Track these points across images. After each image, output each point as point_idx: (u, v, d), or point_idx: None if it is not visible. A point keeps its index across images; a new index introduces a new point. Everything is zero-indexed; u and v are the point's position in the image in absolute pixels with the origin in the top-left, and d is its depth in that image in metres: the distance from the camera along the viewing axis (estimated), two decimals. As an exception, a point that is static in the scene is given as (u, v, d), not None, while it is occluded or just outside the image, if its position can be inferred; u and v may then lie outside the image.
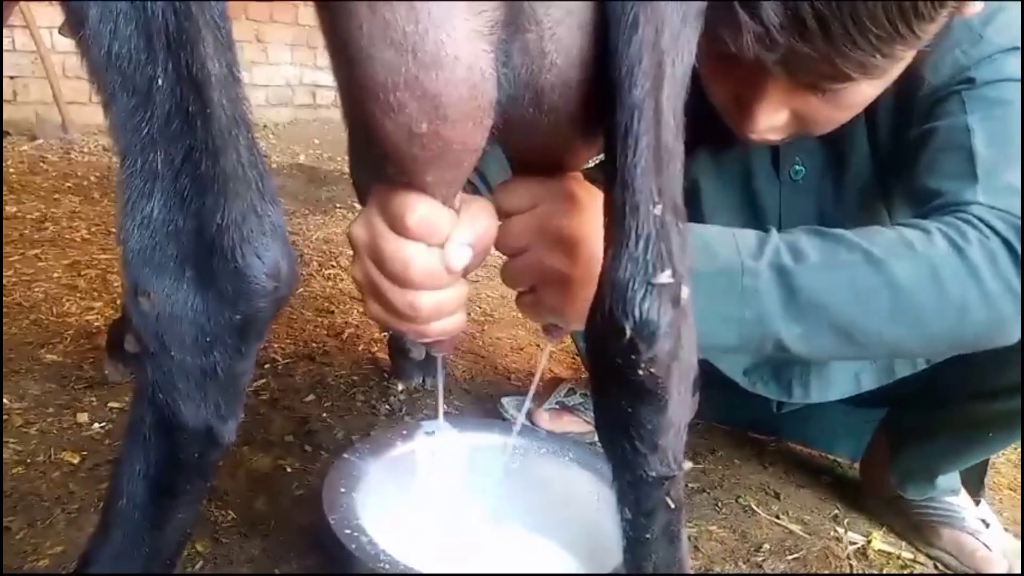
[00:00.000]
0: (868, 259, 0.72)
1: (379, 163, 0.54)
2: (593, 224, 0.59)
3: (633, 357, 0.52)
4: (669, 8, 0.50)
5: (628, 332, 0.51)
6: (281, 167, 3.72)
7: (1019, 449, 1.52)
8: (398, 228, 0.56)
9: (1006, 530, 1.19)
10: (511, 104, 0.52)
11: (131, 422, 0.55)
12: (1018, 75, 0.87)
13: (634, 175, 0.50)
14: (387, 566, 0.79)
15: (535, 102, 0.52)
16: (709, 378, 0.63)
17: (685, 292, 0.53)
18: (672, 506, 0.59)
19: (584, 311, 0.55)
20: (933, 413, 1.10)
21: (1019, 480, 1.41)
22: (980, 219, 0.74)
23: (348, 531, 0.83)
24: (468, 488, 1.03)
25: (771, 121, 0.87)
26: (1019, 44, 0.89)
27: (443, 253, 0.57)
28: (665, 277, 0.51)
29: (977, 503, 1.16)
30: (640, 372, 0.52)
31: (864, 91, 0.84)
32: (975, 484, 1.19)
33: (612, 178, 0.52)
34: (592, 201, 0.63)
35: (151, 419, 0.53)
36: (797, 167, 1.04)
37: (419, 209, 0.55)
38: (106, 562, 0.58)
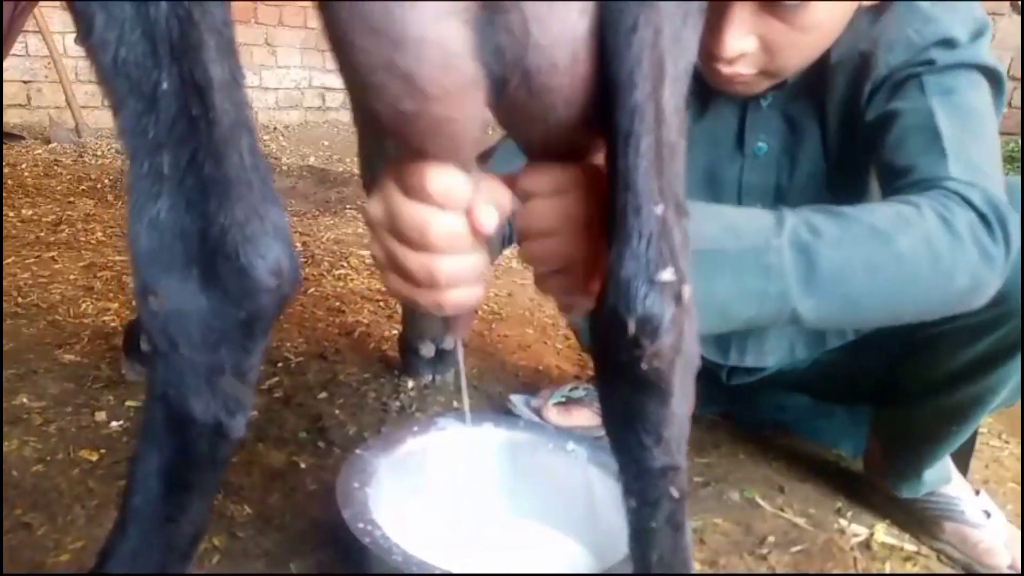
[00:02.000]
0: (876, 233, 0.76)
1: (388, 142, 0.56)
2: None
3: (637, 352, 0.52)
4: (669, 8, 0.50)
5: (632, 328, 0.51)
6: (291, 169, 3.75)
7: (1025, 442, 1.52)
8: (417, 195, 0.56)
9: (1009, 522, 1.19)
10: (502, 87, 0.52)
11: (144, 419, 0.57)
12: (973, 60, 0.93)
13: (636, 177, 0.51)
14: (400, 559, 0.80)
15: (525, 84, 0.52)
16: None
17: (687, 288, 0.54)
18: (676, 496, 0.60)
19: None
20: (906, 411, 1.12)
21: (1022, 473, 1.41)
22: (958, 193, 0.80)
23: (362, 525, 0.84)
24: (478, 482, 1.05)
25: (740, 44, 0.92)
26: (973, 27, 0.94)
27: (471, 215, 0.57)
28: (667, 275, 0.51)
29: (978, 493, 1.16)
30: (644, 366, 0.53)
31: (818, 12, 0.90)
32: (962, 464, 1.21)
33: (614, 178, 0.52)
34: None
35: (162, 415, 0.54)
36: (760, 143, 1.08)
37: (438, 174, 0.55)
38: (124, 558, 0.59)
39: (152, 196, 0.48)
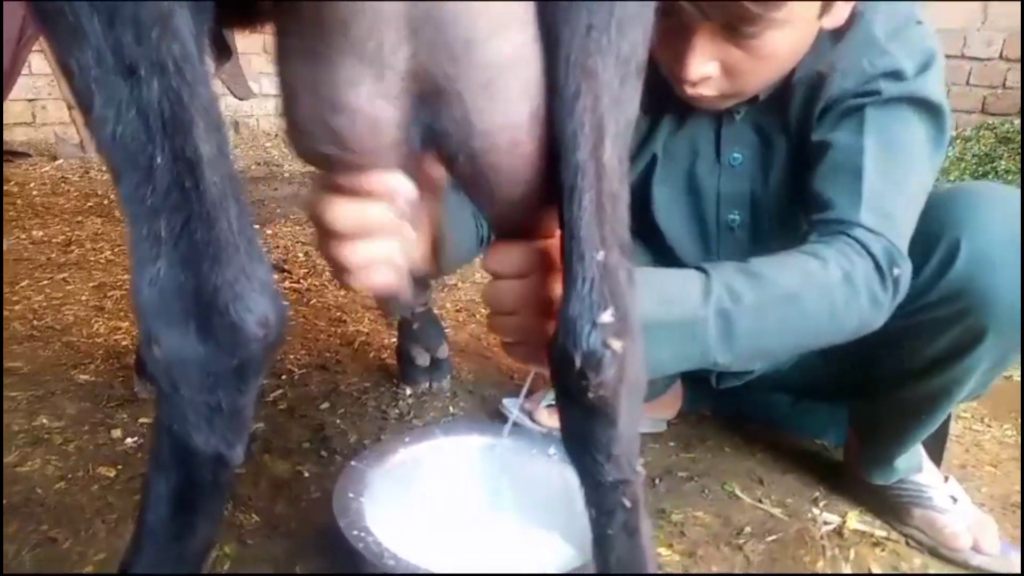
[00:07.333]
0: (786, 296, 0.86)
1: None
2: None
3: (584, 383, 0.60)
4: (607, 75, 0.56)
5: (578, 362, 0.59)
6: (293, 176, 3.81)
7: (1009, 427, 1.57)
8: (327, 189, 0.64)
9: (981, 505, 1.24)
10: (450, 163, 0.59)
11: (152, 450, 0.63)
12: (918, 94, 0.98)
13: (579, 227, 0.58)
14: (392, 562, 0.87)
15: (470, 163, 0.59)
16: None
17: (631, 322, 0.61)
18: (628, 505, 0.67)
19: None
20: (879, 403, 1.18)
21: (1002, 456, 1.46)
22: (861, 243, 0.90)
23: (356, 532, 0.92)
24: (467, 487, 1.11)
25: (702, 70, 0.99)
26: (920, 60, 1.00)
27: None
28: (607, 316, 0.59)
29: (946, 479, 1.22)
30: (591, 395, 0.60)
31: (776, 41, 0.96)
32: (936, 455, 1.27)
33: (562, 228, 0.59)
34: None
35: (168, 446, 0.61)
36: (735, 155, 1.14)
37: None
38: (142, 571, 0.66)
39: (152, 257, 0.55)
